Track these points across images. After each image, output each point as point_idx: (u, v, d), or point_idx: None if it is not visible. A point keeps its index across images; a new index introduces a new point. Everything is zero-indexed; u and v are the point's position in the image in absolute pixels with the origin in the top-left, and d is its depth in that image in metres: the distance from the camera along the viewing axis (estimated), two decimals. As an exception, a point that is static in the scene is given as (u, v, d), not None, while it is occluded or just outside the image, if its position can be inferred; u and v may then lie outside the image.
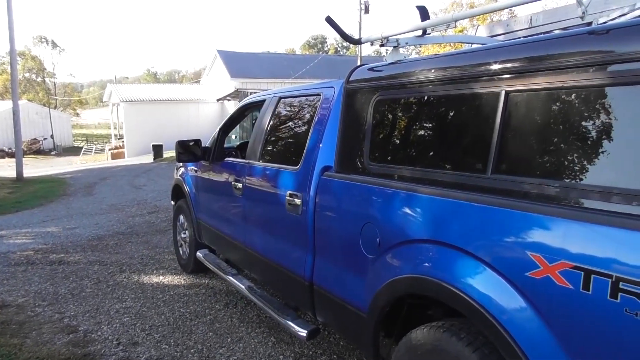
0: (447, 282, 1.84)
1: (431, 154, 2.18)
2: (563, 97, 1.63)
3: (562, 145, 1.62)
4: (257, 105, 3.95)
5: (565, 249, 1.48)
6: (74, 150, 37.55)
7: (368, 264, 2.31)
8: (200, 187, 4.61)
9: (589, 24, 2.17)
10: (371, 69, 2.62)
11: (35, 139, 38.25)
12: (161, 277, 5.02)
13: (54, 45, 56.73)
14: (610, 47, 1.50)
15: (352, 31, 24.53)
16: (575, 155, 1.58)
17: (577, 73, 1.58)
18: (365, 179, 2.42)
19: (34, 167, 24.31)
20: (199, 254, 4.63)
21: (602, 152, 1.52)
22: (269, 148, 3.53)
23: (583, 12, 2.15)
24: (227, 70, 27.90)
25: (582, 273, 1.42)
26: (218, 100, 28.65)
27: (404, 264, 2.09)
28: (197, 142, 4.36)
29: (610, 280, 1.36)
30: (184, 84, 44.09)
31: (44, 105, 46.08)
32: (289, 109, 3.51)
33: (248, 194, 3.57)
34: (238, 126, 6.65)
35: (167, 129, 27.09)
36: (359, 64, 2.79)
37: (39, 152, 37.32)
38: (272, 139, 3.54)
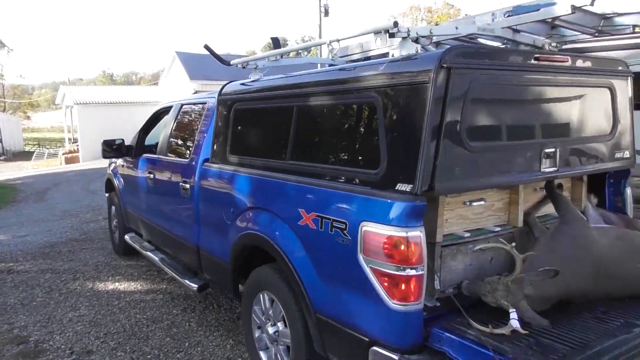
0: (260, 232, 2.84)
1: (262, 147, 3.19)
2: (325, 111, 2.63)
3: (323, 141, 2.65)
4: (168, 110, 4.79)
5: (313, 204, 2.45)
6: (25, 155, 35.89)
7: (228, 228, 3.21)
8: (125, 179, 5.46)
9: (386, 54, 3.05)
10: (241, 84, 3.48)
11: (-18, 143, 36.36)
12: (117, 284, 4.92)
13: (2, 45, 54.09)
14: (361, 76, 2.36)
15: (313, 33, 24.67)
16: (327, 147, 2.60)
17: (333, 95, 2.55)
18: (225, 167, 3.36)
19: (-19, 173, 23.12)
20: (126, 237, 5.36)
21: (339, 146, 2.52)
22: (171, 145, 4.39)
23: (333, 57, 3.22)
24: (186, 72, 27.36)
25: (320, 219, 2.36)
26: (177, 102, 28.11)
27: (243, 224, 3.05)
28: (122, 141, 5.20)
29: (330, 221, 2.30)
30: (142, 86, 43.01)
31: (-8, 108, 43.89)
32: (186, 114, 4.40)
33: (157, 183, 4.44)
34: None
35: (124, 132, 25.99)
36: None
37: (-14, 157, 35.49)
38: (174, 137, 4.42)
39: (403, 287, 1.99)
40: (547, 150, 2.45)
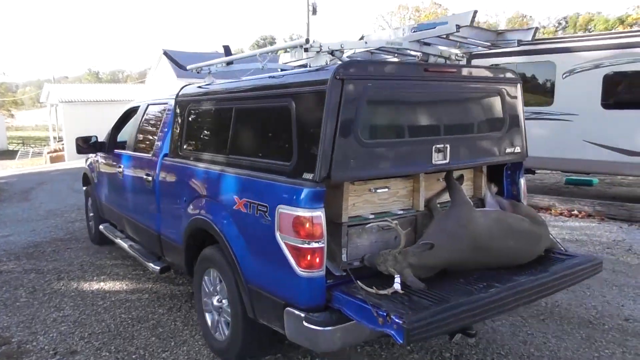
0: (205, 217, 3.29)
1: (208, 143, 3.62)
2: (254, 112, 3.12)
3: (252, 138, 3.13)
4: (136, 109, 5.20)
5: (244, 192, 2.93)
6: (8, 154, 35.40)
7: (182, 215, 3.65)
8: (99, 174, 5.87)
9: (305, 65, 3.26)
10: (197, 87, 3.91)
11: (-35, 142, 35.71)
12: (102, 284, 4.89)
13: (-15, 42, 53.12)
14: (281, 83, 2.90)
15: (301, 32, 24.61)
16: (256, 143, 3.09)
17: (261, 99, 3.04)
18: (180, 161, 3.84)
19: (-36, 173, 22.71)
20: (100, 227, 5.78)
21: (264, 142, 3.01)
22: (138, 141, 4.83)
23: (263, 67, 3.54)
24: (173, 70, 27.20)
25: (249, 204, 2.84)
26: (164, 101, 27.86)
27: (192, 211, 3.48)
28: (96, 137, 5.62)
29: (256, 206, 2.78)
30: (128, 84, 42.61)
31: (-25, 106, 43.09)
32: (151, 113, 4.82)
33: (126, 176, 4.87)
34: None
35: (110, 130, 25.99)
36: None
37: (-31, 156, 34.84)
38: (140, 134, 4.87)
39: (308, 257, 2.48)
40: (437, 146, 2.91)
